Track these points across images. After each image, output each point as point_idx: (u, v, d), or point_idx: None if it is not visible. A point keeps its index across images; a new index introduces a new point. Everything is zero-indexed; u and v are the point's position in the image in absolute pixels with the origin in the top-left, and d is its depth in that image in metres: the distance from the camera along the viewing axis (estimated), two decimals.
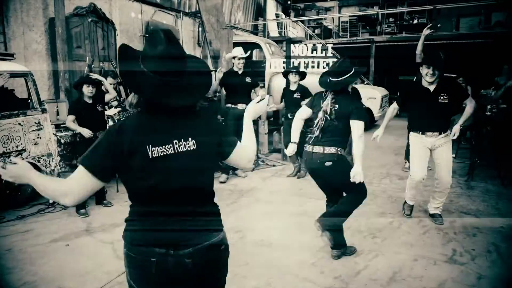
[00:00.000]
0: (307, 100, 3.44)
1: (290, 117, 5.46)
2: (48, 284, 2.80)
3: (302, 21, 15.76)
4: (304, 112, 3.22)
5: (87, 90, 4.35)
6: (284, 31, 14.08)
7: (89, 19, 6.84)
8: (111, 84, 5.92)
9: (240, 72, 5.42)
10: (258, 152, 6.60)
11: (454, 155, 6.64)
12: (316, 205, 4.11)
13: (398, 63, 12.29)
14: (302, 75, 5.64)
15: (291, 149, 3.19)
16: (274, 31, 14.78)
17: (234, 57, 5.46)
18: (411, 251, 3.28)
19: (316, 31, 15.80)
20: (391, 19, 15.81)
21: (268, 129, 7.13)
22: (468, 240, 3.46)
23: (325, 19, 16.40)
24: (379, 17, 15.67)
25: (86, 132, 4.30)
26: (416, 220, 3.96)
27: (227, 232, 1.52)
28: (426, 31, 4.88)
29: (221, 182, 5.36)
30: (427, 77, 3.62)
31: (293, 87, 5.59)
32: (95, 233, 3.74)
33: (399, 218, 4.03)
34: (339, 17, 17.34)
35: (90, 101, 4.42)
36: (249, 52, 5.62)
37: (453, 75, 7.67)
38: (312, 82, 5.89)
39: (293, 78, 5.55)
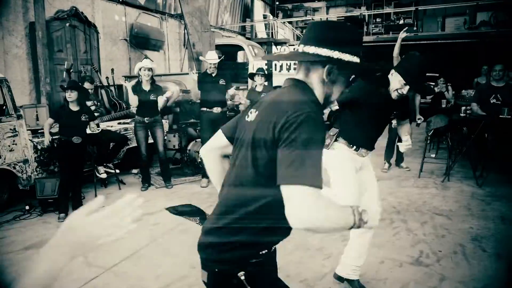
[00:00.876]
0: None
1: None
2: None
3: (290, 22, 15.82)
4: None
5: (67, 95, 4.41)
6: (272, 32, 14.11)
7: (67, 24, 6.82)
8: (89, 89, 5.91)
9: (213, 74, 5.28)
10: None
11: (434, 155, 6.76)
12: None
13: (385, 63, 12.38)
14: (267, 77, 5.67)
15: None
16: (261, 32, 14.81)
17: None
18: (379, 253, 3.32)
19: (304, 31, 15.87)
20: (378, 20, 15.92)
21: None
22: (436, 241, 3.52)
23: (312, 19, 16.47)
24: (365, 18, 15.77)
25: (46, 140, 4.54)
26: (388, 221, 4.01)
27: None
28: (402, 34, 4.95)
29: (203, 187, 5.33)
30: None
31: (259, 88, 5.57)
32: None
33: None
34: (326, 18, 17.41)
35: (75, 109, 4.48)
36: (223, 56, 5.52)
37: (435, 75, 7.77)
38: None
39: (259, 80, 5.53)
